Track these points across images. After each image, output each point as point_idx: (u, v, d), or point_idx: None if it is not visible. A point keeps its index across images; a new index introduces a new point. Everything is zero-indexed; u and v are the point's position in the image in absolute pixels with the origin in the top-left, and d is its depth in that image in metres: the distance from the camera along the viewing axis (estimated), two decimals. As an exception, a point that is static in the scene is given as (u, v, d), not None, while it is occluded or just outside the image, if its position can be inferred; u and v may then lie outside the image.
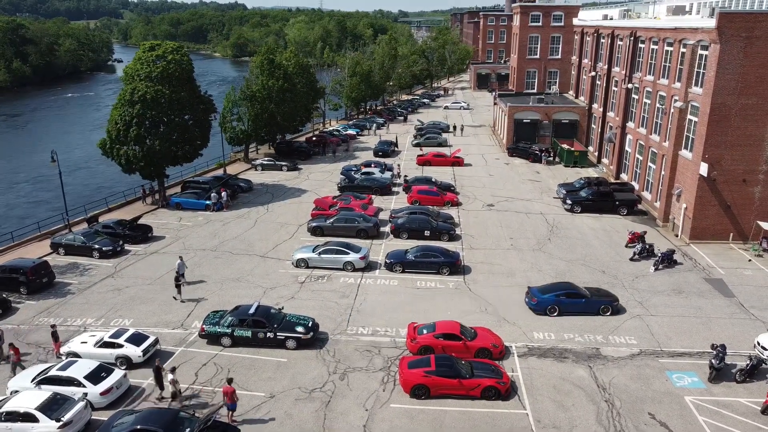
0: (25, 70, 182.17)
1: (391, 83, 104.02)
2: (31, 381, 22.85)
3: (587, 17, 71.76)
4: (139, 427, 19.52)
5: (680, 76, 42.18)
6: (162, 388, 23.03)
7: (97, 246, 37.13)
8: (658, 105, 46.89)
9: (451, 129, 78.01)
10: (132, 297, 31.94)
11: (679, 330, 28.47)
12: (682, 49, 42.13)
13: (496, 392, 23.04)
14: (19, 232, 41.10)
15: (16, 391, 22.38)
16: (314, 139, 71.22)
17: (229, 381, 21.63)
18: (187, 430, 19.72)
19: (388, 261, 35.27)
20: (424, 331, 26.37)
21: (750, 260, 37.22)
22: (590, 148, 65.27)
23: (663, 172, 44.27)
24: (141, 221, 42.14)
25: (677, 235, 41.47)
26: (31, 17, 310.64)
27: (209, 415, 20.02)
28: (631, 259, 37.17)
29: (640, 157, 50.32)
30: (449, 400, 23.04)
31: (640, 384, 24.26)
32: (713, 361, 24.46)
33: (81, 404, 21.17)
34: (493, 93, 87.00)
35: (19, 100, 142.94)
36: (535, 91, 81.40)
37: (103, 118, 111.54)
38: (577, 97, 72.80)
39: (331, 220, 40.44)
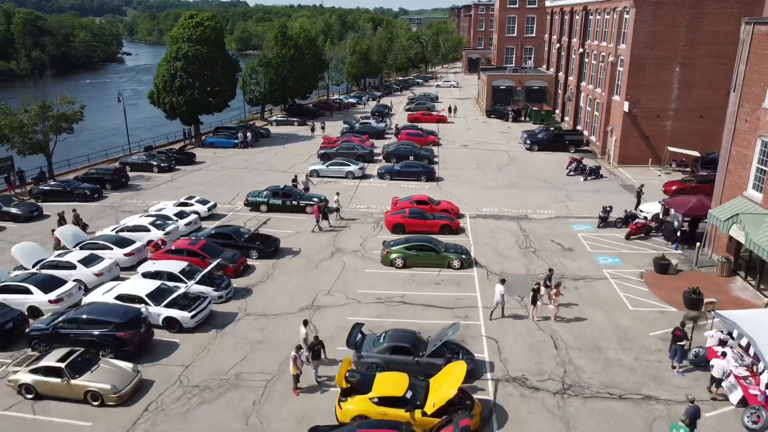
0: (43, 59, 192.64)
1: (387, 62, 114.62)
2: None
3: None
4: None
5: (613, 37, 53.18)
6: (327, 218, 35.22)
7: (155, 163, 48.29)
8: (600, 64, 57.93)
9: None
10: (189, 192, 42.96)
11: (589, 207, 39.44)
12: (615, 16, 53.14)
13: (449, 229, 34.12)
14: (92, 157, 52.27)
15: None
16: (320, 104, 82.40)
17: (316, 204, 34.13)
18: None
19: (380, 171, 46.43)
20: (403, 200, 37.47)
21: (660, 175, 48.24)
22: (557, 111, 76.28)
23: (602, 116, 55.32)
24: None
25: (610, 163, 52.53)
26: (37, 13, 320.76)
27: (259, 225, 31.11)
28: (568, 174, 48.22)
29: (589, 109, 61.38)
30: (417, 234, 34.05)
31: (550, 230, 35.33)
32: (601, 214, 35.58)
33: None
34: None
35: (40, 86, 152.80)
36: (513, 65, 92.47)
37: (126, 100, 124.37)
38: (548, 69, 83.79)
39: (336, 148, 51.58)
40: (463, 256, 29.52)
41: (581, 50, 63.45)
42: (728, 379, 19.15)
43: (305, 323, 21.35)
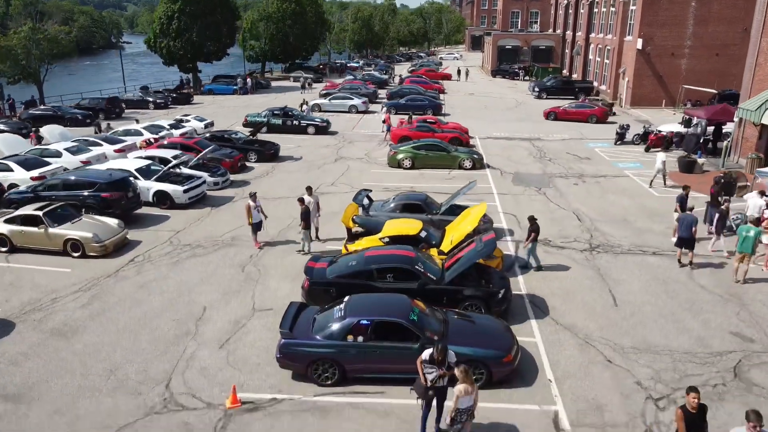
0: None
1: (389, 34, 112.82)
2: None
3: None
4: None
5: (625, -24, 51.40)
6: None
7: (151, 99, 46.52)
8: (612, 9, 56.11)
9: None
10: (185, 122, 41.27)
11: (602, 133, 37.65)
12: (627, -45, 51.32)
13: (459, 142, 32.27)
14: (86, 95, 50.55)
15: None
16: (320, 66, 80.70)
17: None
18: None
19: (384, 107, 44.59)
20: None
21: (674, 113, 46.40)
22: (564, 71, 74.42)
23: (613, 60, 53.51)
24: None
25: (622, 106, 50.70)
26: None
27: (257, 129, 29.28)
28: (579, 112, 46.39)
29: (599, 59, 59.55)
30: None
31: (564, 146, 33.55)
32: (618, 130, 33.81)
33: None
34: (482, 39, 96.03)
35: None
36: (519, 29, 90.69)
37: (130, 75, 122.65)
38: (555, 32, 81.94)
39: (339, 89, 49.76)
40: (475, 156, 27.83)
41: (590, 0, 61.62)
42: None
43: (309, 190, 19.26)
